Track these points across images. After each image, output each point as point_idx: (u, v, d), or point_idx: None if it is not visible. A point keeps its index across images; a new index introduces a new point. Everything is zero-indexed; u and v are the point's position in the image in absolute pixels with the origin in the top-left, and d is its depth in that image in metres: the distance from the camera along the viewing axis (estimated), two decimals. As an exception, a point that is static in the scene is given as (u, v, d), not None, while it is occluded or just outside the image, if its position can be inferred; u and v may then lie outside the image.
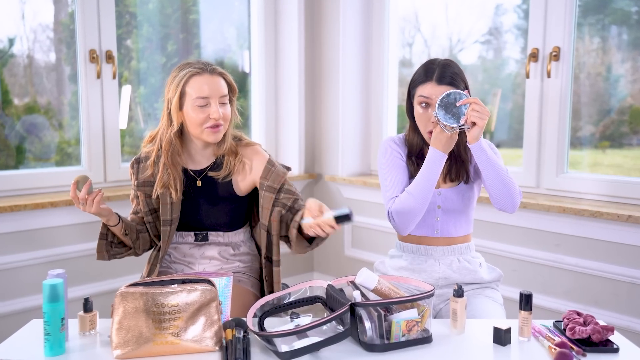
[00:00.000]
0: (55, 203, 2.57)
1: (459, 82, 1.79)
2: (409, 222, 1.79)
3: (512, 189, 1.76)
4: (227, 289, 1.51)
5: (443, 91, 1.76)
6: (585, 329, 1.43)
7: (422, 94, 1.79)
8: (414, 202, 1.75)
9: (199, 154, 1.87)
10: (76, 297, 2.58)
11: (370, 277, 1.52)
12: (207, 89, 1.76)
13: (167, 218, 1.84)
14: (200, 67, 1.79)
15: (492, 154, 1.75)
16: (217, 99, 1.78)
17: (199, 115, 1.77)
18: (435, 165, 1.75)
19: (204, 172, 1.88)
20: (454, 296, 1.51)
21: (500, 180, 1.74)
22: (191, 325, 1.39)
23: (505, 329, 1.45)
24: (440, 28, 3.27)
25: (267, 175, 1.85)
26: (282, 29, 3.44)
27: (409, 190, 1.77)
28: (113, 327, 1.38)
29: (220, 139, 1.83)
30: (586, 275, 2.51)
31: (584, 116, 2.71)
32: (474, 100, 1.69)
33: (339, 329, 1.49)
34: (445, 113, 1.70)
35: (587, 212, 2.41)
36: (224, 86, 1.81)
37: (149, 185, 1.87)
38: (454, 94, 1.70)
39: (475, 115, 1.67)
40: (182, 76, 1.78)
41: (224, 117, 1.80)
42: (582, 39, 2.67)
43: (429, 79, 1.79)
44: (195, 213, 1.88)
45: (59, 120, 2.87)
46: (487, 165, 1.73)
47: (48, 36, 2.85)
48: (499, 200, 1.77)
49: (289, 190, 1.85)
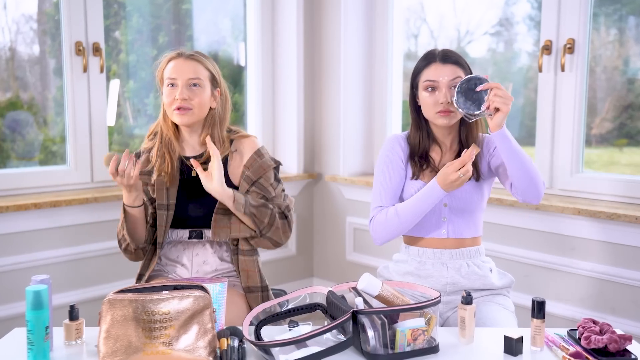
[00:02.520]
0: (39, 205, 2.57)
1: (463, 62, 1.82)
2: (387, 238, 1.88)
3: (536, 178, 1.76)
4: (221, 296, 1.51)
5: (449, 71, 1.78)
6: (601, 338, 1.43)
7: (428, 77, 1.81)
8: (398, 224, 1.83)
9: (188, 142, 1.96)
10: (61, 304, 2.58)
11: (373, 283, 1.52)
12: (174, 71, 1.87)
13: (163, 202, 1.92)
14: (177, 52, 1.91)
15: (516, 142, 1.74)
16: (184, 80, 1.87)
17: (168, 97, 1.89)
18: (432, 198, 1.78)
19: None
20: (463, 303, 1.51)
21: (525, 169, 1.74)
22: (183, 334, 1.39)
23: (517, 338, 1.45)
24: (447, 18, 3.27)
25: (251, 164, 1.92)
26: (279, 20, 3.44)
27: (398, 211, 1.82)
28: (100, 336, 1.38)
29: (189, 123, 1.89)
30: (602, 281, 2.51)
31: (600, 112, 2.71)
32: (495, 85, 1.69)
33: (340, 338, 1.49)
34: (465, 100, 1.70)
35: (603, 214, 2.41)
36: (197, 71, 1.89)
37: (146, 174, 1.95)
38: (473, 79, 1.70)
39: (498, 100, 1.67)
40: (162, 61, 1.93)
41: (190, 100, 1.86)
42: (597, 30, 2.67)
43: (432, 60, 1.82)
44: (189, 204, 1.93)
45: (43, 117, 2.87)
46: (511, 154, 1.73)
47: (31, 27, 2.85)
48: (523, 191, 1.78)
49: (262, 186, 1.91)
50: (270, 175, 1.93)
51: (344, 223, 3.44)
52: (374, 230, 1.88)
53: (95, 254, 2.78)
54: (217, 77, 1.94)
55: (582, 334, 1.48)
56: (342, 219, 3.44)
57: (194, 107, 1.87)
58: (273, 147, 3.55)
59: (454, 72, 1.79)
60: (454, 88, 1.77)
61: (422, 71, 1.84)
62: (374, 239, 1.89)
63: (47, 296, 1.40)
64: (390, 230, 1.84)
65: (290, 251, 3.52)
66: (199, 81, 1.88)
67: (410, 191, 1.87)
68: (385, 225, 1.84)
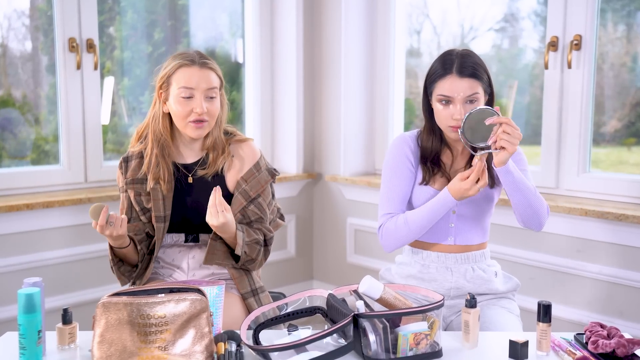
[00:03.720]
0: (31, 205, 2.57)
1: (481, 73, 1.78)
2: (396, 246, 1.87)
3: (539, 209, 1.79)
4: (218, 299, 1.51)
5: (466, 86, 1.75)
6: (609, 342, 1.43)
7: (442, 92, 1.77)
8: (407, 232, 1.83)
9: (187, 147, 1.93)
10: (54, 307, 2.58)
11: (375, 286, 1.52)
12: (193, 81, 1.82)
13: (160, 214, 1.89)
14: (191, 59, 1.85)
15: (519, 175, 1.74)
16: (203, 92, 1.83)
17: (183, 108, 1.83)
18: (444, 208, 1.78)
19: (195, 169, 1.93)
20: (467, 306, 1.51)
21: (527, 203, 1.76)
22: (179, 339, 1.39)
23: (522, 343, 1.45)
24: (450, 14, 3.27)
25: (248, 178, 1.91)
26: (278, 16, 3.44)
27: (407, 220, 1.82)
28: (94, 340, 1.38)
29: (203, 135, 1.89)
30: (610, 283, 2.51)
31: (607, 110, 2.71)
32: (505, 120, 1.67)
33: (340, 342, 1.49)
34: (473, 131, 1.70)
35: (611, 215, 2.41)
36: (213, 80, 1.86)
37: (138, 183, 1.91)
38: (486, 111, 1.69)
39: (505, 138, 1.66)
40: (171, 66, 1.85)
41: (209, 112, 1.84)
42: (605, 26, 2.67)
43: (448, 71, 1.77)
44: (186, 211, 1.91)
45: (35, 115, 2.87)
46: (514, 188, 1.75)
47: (23, 23, 2.85)
48: (525, 220, 1.81)
49: (260, 206, 1.92)
50: (269, 192, 1.96)
51: (344, 224, 3.44)
52: (383, 239, 1.88)
53: (89, 256, 2.78)
54: (222, 81, 1.93)
55: (589, 338, 1.48)
56: (343, 220, 3.44)
57: (210, 119, 1.86)
58: (272, 146, 3.55)
59: (471, 87, 1.76)
60: (469, 103, 1.76)
61: (437, 82, 1.79)
62: (383, 247, 1.89)
63: (39, 299, 1.40)
64: (399, 238, 1.84)
65: (289, 253, 3.52)
66: (215, 92, 1.86)
67: (420, 198, 1.86)
68: (395, 234, 1.84)
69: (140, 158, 1.92)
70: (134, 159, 1.93)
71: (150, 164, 1.88)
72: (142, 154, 1.93)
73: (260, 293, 1.94)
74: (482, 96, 1.78)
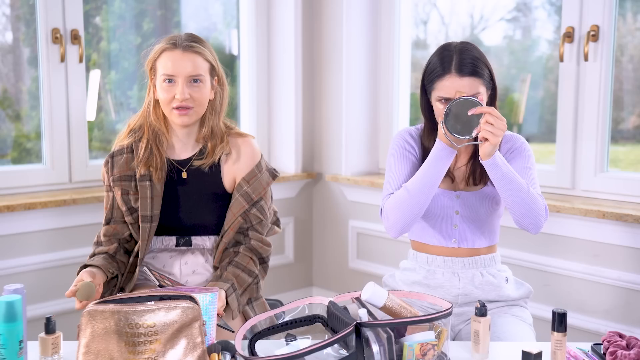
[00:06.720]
0: (12, 207, 2.57)
1: (482, 69, 1.78)
2: (401, 224, 1.81)
3: (534, 208, 1.78)
4: (212, 307, 1.51)
5: (466, 85, 1.76)
6: (628, 353, 1.43)
7: (442, 94, 1.78)
8: (408, 199, 1.78)
9: (181, 142, 1.94)
10: (36, 316, 2.58)
11: (379, 293, 1.53)
12: (172, 67, 1.84)
13: (147, 214, 1.89)
14: (174, 42, 1.87)
15: (508, 170, 1.74)
16: (184, 77, 1.84)
17: (165, 95, 1.86)
18: (441, 161, 1.76)
19: (189, 163, 1.93)
20: (476, 315, 1.52)
21: (519, 199, 1.76)
22: (170, 349, 1.39)
23: (536, 354, 1.45)
24: (459, 3, 3.27)
25: (250, 180, 1.92)
26: (275, 5, 3.45)
27: (406, 186, 1.80)
28: (80, 351, 1.38)
29: (189, 123, 1.89)
30: (630, 290, 2.51)
31: (627, 106, 2.71)
32: (488, 110, 1.68)
33: (342, 353, 1.49)
34: (455, 122, 1.70)
35: (630, 217, 2.42)
36: (198, 65, 1.86)
37: (126, 180, 1.91)
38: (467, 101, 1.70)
39: (488, 129, 1.67)
40: (154, 50, 1.89)
41: (193, 98, 1.85)
42: (624, 16, 2.68)
43: (447, 71, 1.77)
44: (177, 210, 1.92)
45: (16, 111, 2.88)
46: (502, 183, 1.75)
47: (4, 13, 2.85)
48: (519, 220, 1.81)
49: (262, 209, 1.93)
50: (269, 195, 2.00)
51: (346, 227, 3.44)
52: (386, 218, 1.84)
53: (74, 261, 2.77)
54: (215, 65, 1.92)
55: (607, 348, 1.48)
56: (344, 222, 3.44)
57: (195, 105, 1.86)
58: (268, 143, 3.55)
59: (472, 86, 1.76)
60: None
61: (436, 82, 1.79)
62: (387, 230, 1.86)
63: (21, 307, 1.40)
64: (402, 210, 1.80)
65: (287, 258, 3.52)
66: (199, 77, 1.86)
67: None
68: (396, 206, 1.80)
69: (130, 153, 1.92)
70: (122, 154, 1.93)
71: (144, 151, 1.89)
72: (132, 148, 1.92)
73: (255, 300, 1.94)
74: (484, 95, 1.80)
